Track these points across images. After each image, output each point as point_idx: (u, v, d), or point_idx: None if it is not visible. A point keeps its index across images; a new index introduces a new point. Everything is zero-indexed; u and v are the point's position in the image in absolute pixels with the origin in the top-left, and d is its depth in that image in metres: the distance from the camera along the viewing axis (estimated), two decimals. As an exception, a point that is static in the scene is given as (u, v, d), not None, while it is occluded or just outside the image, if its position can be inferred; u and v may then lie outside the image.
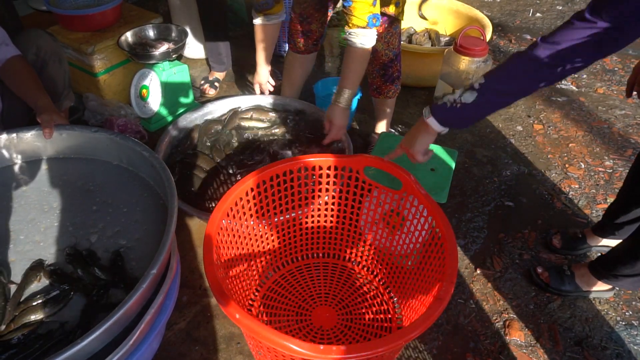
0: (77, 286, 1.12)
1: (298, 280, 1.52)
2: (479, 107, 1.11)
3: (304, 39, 1.88)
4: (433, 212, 1.19)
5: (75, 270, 1.15)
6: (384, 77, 1.87)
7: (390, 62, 1.83)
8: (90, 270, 1.14)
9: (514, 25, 3.30)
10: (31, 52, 1.60)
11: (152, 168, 1.28)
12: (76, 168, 1.43)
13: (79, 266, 1.15)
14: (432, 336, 1.43)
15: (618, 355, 1.41)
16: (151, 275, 0.99)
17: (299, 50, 1.94)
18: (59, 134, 1.38)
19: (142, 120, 2.18)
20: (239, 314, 0.93)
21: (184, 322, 1.44)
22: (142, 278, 0.98)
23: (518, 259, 1.68)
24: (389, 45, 1.77)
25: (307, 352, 0.88)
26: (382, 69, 1.85)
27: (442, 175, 1.60)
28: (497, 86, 1.08)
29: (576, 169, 2.09)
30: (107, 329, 0.90)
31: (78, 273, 1.14)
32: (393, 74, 1.87)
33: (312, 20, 1.82)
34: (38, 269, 1.14)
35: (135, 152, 1.33)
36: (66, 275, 1.14)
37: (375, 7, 1.47)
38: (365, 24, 1.48)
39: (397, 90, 1.94)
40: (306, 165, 1.35)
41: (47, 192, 1.36)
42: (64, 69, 1.73)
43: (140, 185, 1.37)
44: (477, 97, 1.09)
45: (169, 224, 1.09)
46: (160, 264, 1.01)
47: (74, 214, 1.29)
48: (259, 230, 1.40)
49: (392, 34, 1.75)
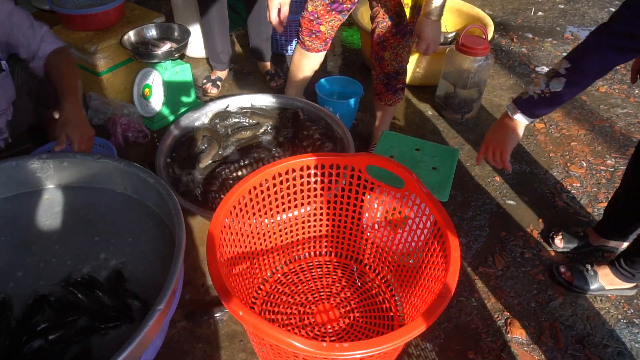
0: (82, 314, 1.09)
1: (300, 278, 1.53)
2: (569, 90, 1.13)
3: (312, 38, 1.83)
4: (435, 210, 1.19)
5: (78, 299, 1.11)
6: (387, 86, 1.86)
7: (395, 74, 1.82)
8: (94, 296, 1.12)
9: (516, 24, 3.29)
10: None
11: (158, 196, 1.23)
12: (78, 197, 1.37)
13: (81, 294, 1.12)
14: (434, 334, 1.44)
15: (619, 353, 1.42)
16: (158, 312, 0.95)
17: (307, 48, 1.88)
18: (60, 162, 1.33)
19: (144, 119, 2.19)
20: (243, 311, 0.93)
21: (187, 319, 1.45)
22: (148, 314, 0.95)
23: (520, 258, 1.69)
24: (397, 57, 1.75)
25: (310, 349, 0.89)
26: (386, 78, 1.84)
27: (444, 173, 1.60)
28: (582, 64, 1.09)
29: (578, 167, 2.09)
30: None
31: (82, 301, 1.11)
32: (396, 85, 1.87)
33: (322, 22, 1.76)
34: (41, 303, 1.11)
35: (140, 179, 1.28)
36: (70, 304, 1.11)
37: None
38: None
39: (399, 99, 1.94)
40: (308, 164, 1.36)
41: (48, 224, 1.30)
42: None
43: (146, 214, 1.32)
44: (565, 82, 1.11)
45: (176, 255, 1.05)
46: (167, 298, 0.98)
47: (76, 245, 1.24)
48: (261, 228, 1.41)
49: (402, 46, 1.73)
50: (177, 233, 1.11)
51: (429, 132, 2.28)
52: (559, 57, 2.90)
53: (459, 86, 2.26)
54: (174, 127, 1.85)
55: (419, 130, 2.28)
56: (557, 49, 2.98)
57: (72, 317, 1.08)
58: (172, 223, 1.17)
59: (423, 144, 1.73)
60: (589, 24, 3.31)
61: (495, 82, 2.66)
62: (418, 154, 1.69)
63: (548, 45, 3.03)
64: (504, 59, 2.87)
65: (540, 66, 2.79)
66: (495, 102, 2.50)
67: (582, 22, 3.34)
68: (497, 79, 2.68)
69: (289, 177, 1.37)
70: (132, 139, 2.07)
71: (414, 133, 2.25)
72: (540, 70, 2.76)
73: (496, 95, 2.55)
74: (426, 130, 2.28)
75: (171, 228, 1.23)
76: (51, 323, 1.07)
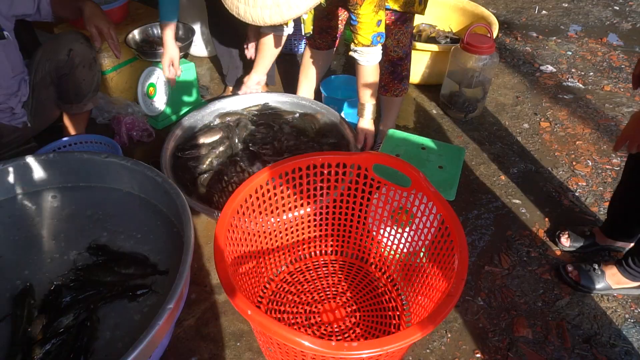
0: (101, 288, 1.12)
1: (306, 277, 1.53)
2: None
3: (324, 34, 1.92)
4: (442, 209, 1.19)
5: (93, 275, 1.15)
6: (393, 74, 1.87)
7: (399, 60, 1.83)
8: (110, 268, 1.15)
9: (520, 22, 3.29)
10: (63, 53, 1.63)
11: (166, 194, 1.23)
12: (85, 196, 1.37)
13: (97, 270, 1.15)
14: (441, 333, 1.44)
15: (627, 352, 1.41)
16: (167, 311, 0.96)
17: (318, 46, 1.98)
18: (67, 161, 1.34)
19: (149, 118, 2.19)
20: (251, 310, 0.93)
21: (193, 319, 1.45)
22: (158, 313, 0.95)
23: (526, 257, 1.68)
24: (398, 42, 1.77)
25: (319, 348, 0.89)
26: (391, 66, 1.85)
27: (450, 172, 1.60)
28: None
29: (583, 166, 2.08)
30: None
31: (98, 276, 1.14)
32: (402, 73, 1.87)
33: (333, 17, 1.86)
34: (59, 290, 1.13)
35: (148, 178, 1.28)
36: (86, 282, 1.14)
37: (380, 27, 1.53)
38: (369, 43, 1.54)
39: (405, 90, 1.94)
40: (315, 162, 1.36)
41: (55, 223, 1.30)
42: (93, 74, 1.76)
43: (153, 212, 1.32)
44: None
45: (185, 253, 1.05)
46: (177, 297, 0.99)
47: (84, 244, 1.25)
48: (267, 227, 1.41)
49: (402, 32, 1.75)
50: (185, 231, 1.11)
51: (434, 130, 2.27)
52: (564, 55, 2.89)
53: (463, 85, 2.25)
54: (178, 127, 1.84)
55: (424, 129, 2.27)
56: (562, 48, 2.97)
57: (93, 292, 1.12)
58: (180, 222, 1.17)
59: (429, 142, 1.73)
60: (593, 23, 3.30)
61: (500, 80, 2.65)
62: (424, 153, 1.68)
63: (552, 43, 3.02)
64: (508, 57, 2.86)
65: (544, 65, 2.78)
66: (500, 101, 2.49)
67: (586, 20, 3.33)
68: (501, 78, 2.67)
69: (295, 175, 1.36)
70: (137, 138, 2.07)
71: (419, 132, 2.24)
72: (545, 69, 2.75)
73: (501, 94, 2.54)
74: (431, 129, 2.28)
75: (179, 226, 1.23)
76: (73, 299, 1.10)
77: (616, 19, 3.34)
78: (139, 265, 1.17)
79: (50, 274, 1.19)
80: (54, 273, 1.19)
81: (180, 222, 1.17)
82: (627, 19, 3.33)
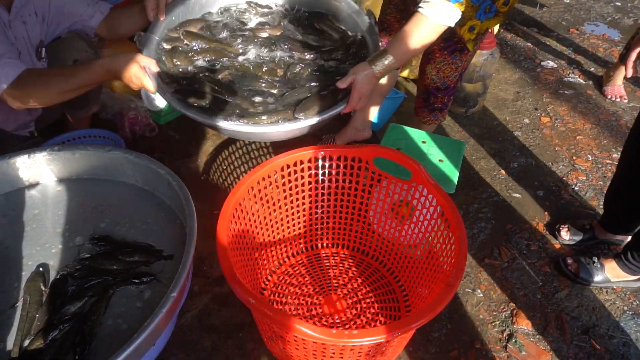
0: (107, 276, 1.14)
1: (308, 269, 1.54)
2: None
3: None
4: (442, 202, 1.20)
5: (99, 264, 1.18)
6: (425, 102, 1.76)
7: (436, 91, 1.69)
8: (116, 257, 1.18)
9: (521, 18, 3.29)
10: (70, 60, 1.59)
11: (169, 186, 1.25)
12: (89, 189, 1.38)
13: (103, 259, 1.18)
14: (440, 324, 1.45)
15: (625, 344, 1.43)
16: (171, 299, 0.97)
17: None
18: (72, 154, 1.35)
19: (151, 113, 2.20)
20: (253, 299, 0.95)
21: (196, 309, 1.46)
22: (162, 302, 0.97)
23: (525, 250, 1.69)
24: (438, 72, 1.63)
25: (320, 335, 0.91)
26: (425, 93, 1.73)
27: (451, 165, 1.61)
28: None
29: (583, 161, 2.10)
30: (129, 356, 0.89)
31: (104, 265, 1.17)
32: (435, 104, 1.74)
33: (392, 31, 1.73)
34: (64, 278, 1.16)
35: (151, 170, 1.30)
36: (92, 269, 1.16)
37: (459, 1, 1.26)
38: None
39: (434, 121, 1.81)
40: (316, 155, 1.37)
41: (60, 215, 1.32)
42: None
43: (157, 204, 1.34)
44: None
45: (188, 242, 1.07)
46: (180, 286, 1.00)
47: (88, 236, 1.26)
48: (269, 219, 1.42)
49: (447, 62, 1.59)
50: (188, 222, 1.12)
51: (435, 126, 2.28)
52: (565, 51, 2.89)
53: (464, 80, 2.26)
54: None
55: (425, 124, 2.28)
56: (563, 44, 2.98)
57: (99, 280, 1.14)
58: (182, 213, 1.19)
59: (429, 136, 1.74)
60: (594, 19, 3.31)
61: (501, 76, 2.66)
62: (425, 147, 1.69)
63: (553, 39, 3.02)
64: (510, 53, 2.86)
65: (545, 60, 2.79)
66: (501, 96, 2.50)
67: (588, 16, 3.33)
68: (502, 74, 2.68)
69: (297, 168, 1.38)
70: (140, 133, 2.09)
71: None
72: (546, 64, 2.76)
73: (501, 90, 2.55)
74: (432, 124, 2.29)
75: (182, 218, 1.25)
76: (79, 287, 1.12)
77: (618, 14, 3.34)
78: (143, 252, 1.19)
79: (56, 264, 1.21)
80: (59, 263, 1.21)
81: (183, 213, 1.19)
82: (629, 14, 3.33)
